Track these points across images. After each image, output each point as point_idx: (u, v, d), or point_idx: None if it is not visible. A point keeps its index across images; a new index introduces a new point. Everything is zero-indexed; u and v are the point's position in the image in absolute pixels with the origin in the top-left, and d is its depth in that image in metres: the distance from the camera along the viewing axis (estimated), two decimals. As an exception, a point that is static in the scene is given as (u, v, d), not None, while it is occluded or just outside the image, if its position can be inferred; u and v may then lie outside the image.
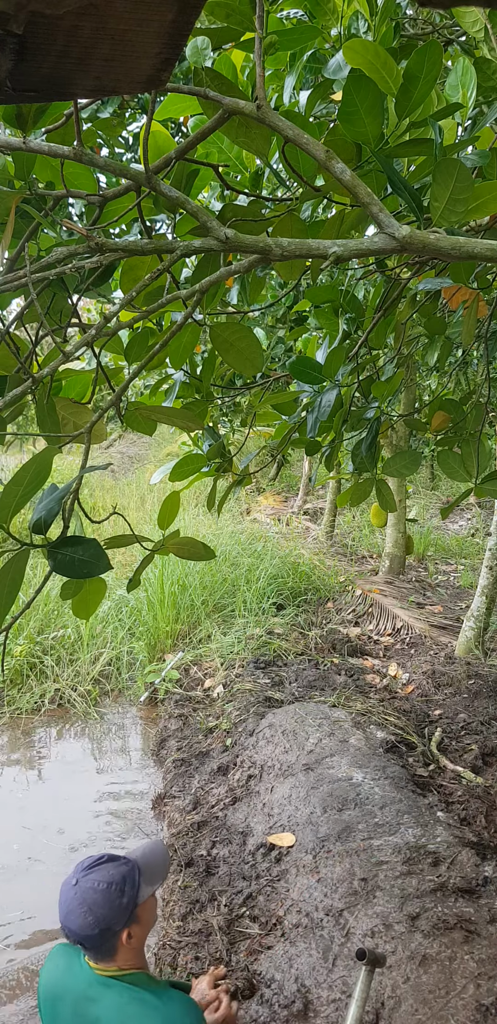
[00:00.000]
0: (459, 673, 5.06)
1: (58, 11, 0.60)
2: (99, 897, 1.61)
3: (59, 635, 5.97)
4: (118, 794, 4.29)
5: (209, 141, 1.69)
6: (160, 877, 1.76)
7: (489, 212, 1.35)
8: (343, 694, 4.69)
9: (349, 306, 2.25)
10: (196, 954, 2.73)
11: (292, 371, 2.08)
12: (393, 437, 6.96)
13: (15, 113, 1.28)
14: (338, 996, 2.33)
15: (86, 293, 1.56)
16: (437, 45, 1.31)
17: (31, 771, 4.55)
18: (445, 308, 2.84)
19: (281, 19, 2.08)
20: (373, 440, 2.30)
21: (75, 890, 1.63)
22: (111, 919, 1.61)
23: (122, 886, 1.64)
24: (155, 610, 6.22)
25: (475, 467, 2.18)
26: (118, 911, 1.62)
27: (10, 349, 1.38)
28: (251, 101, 1.24)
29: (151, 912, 1.75)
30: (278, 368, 4.68)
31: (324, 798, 3.34)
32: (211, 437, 2.28)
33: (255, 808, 3.58)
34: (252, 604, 6.55)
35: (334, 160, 1.20)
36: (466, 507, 11.94)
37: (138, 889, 1.67)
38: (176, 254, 1.24)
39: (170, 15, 0.64)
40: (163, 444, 15.56)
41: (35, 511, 1.17)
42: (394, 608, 6.52)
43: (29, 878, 3.50)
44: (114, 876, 1.65)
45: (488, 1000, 2.14)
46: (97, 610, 2.18)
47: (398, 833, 3.04)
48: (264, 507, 12.20)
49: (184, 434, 6.54)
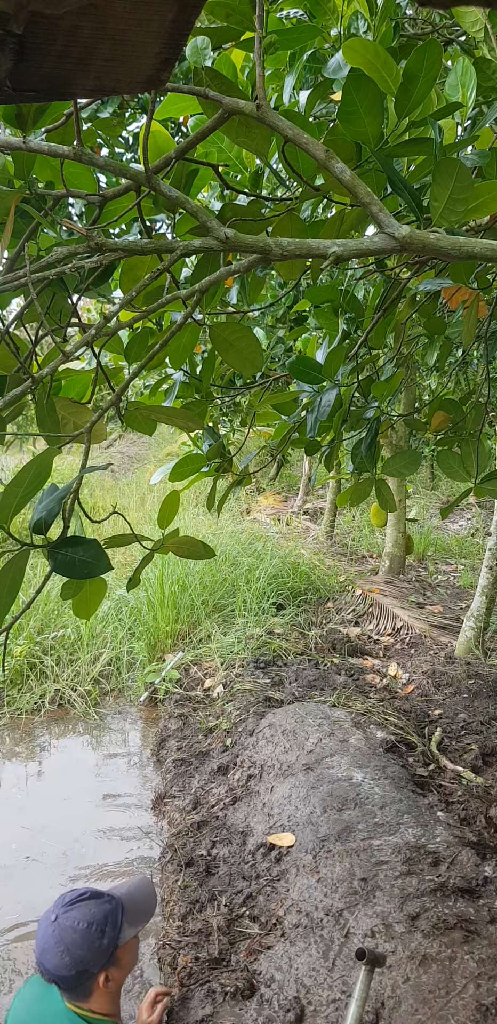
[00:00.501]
0: (459, 673, 5.06)
1: (58, 11, 0.60)
2: (78, 937, 1.51)
3: (59, 635, 5.97)
4: (118, 794, 4.29)
5: (209, 141, 1.69)
6: (144, 918, 1.67)
7: (489, 212, 1.36)
8: (343, 694, 4.69)
9: (349, 306, 2.25)
10: (196, 954, 2.73)
11: (292, 371, 2.08)
12: (393, 437, 6.96)
13: (15, 113, 1.28)
14: (338, 996, 2.33)
15: (86, 293, 1.56)
16: (437, 45, 1.31)
17: (31, 771, 4.55)
18: (445, 308, 2.84)
19: (281, 19, 2.08)
20: (373, 440, 2.30)
21: (54, 927, 1.53)
22: (89, 961, 1.51)
23: (103, 926, 1.55)
24: (155, 610, 6.22)
25: (475, 467, 2.18)
26: (97, 953, 1.53)
27: (10, 349, 1.38)
28: (251, 101, 1.24)
29: (132, 954, 1.65)
30: (278, 368, 4.68)
31: (324, 798, 3.34)
32: (211, 437, 2.28)
33: (255, 808, 3.58)
34: (252, 604, 6.55)
35: (334, 160, 1.20)
36: (466, 507, 11.94)
37: (120, 930, 1.58)
38: (176, 254, 1.24)
39: (170, 15, 0.64)
40: (163, 444, 15.56)
41: (35, 511, 1.17)
42: (394, 608, 6.52)
43: (28, 878, 3.50)
44: (95, 915, 1.55)
45: (488, 1000, 2.14)
46: (97, 610, 2.18)
47: (398, 833, 3.04)
48: (264, 507, 12.20)
49: (184, 434, 6.54)
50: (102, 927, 1.55)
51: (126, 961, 1.62)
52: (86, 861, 3.61)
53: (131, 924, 1.63)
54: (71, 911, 1.55)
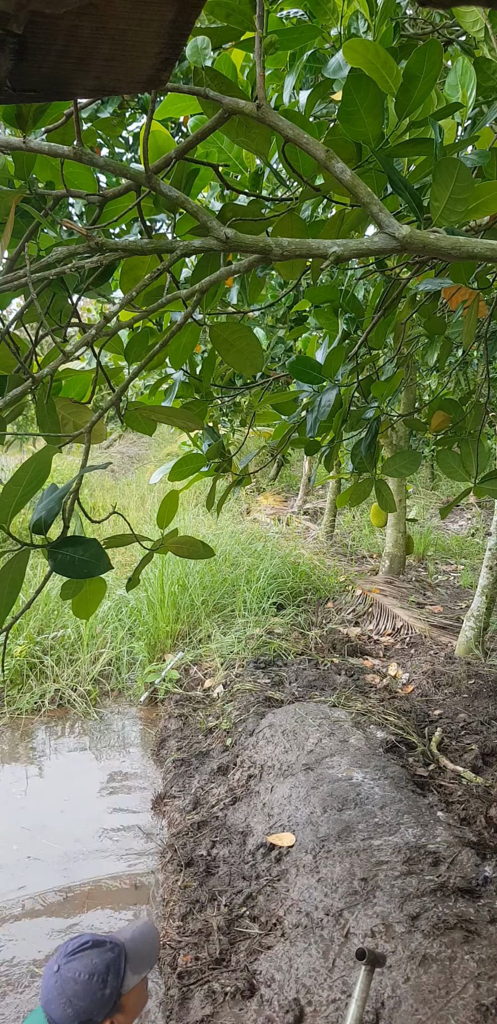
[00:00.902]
0: (459, 673, 5.06)
1: (58, 11, 0.60)
2: (79, 989, 1.49)
3: (59, 635, 5.97)
4: (118, 794, 4.29)
5: (209, 141, 1.69)
6: (148, 964, 1.64)
7: (489, 212, 1.35)
8: (343, 694, 4.69)
9: (349, 306, 2.25)
10: (196, 954, 2.73)
11: (292, 371, 2.08)
12: (393, 437, 6.96)
13: (15, 113, 1.28)
14: (338, 996, 2.33)
15: (86, 293, 1.56)
16: (437, 45, 1.31)
17: (31, 771, 4.55)
18: (445, 308, 2.84)
19: (281, 19, 2.08)
20: (373, 440, 2.30)
21: (56, 977, 1.52)
22: (92, 1011, 1.50)
23: (105, 976, 1.53)
24: (155, 610, 6.22)
25: (475, 467, 2.18)
26: (100, 1003, 1.51)
27: (10, 349, 1.38)
28: (251, 101, 1.24)
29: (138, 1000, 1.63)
30: (278, 368, 4.68)
31: (324, 798, 3.34)
32: (211, 437, 2.28)
33: (255, 808, 3.58)
34: (252, 604, 6.55)
35: (334, 160, 1.20)
36: (466, 507, 11.94)
37: (123, 978, 1.56)
38: (176, 254, 1.24)
39: (170, 15, 0.64)
40: (163, 444, 15.56)
41: (35, 511, 1.17)
42: (394, 608, 6.52)
43: (28, 878, 3.50)
44: (97, 966, 1.53)
45: (488, 1000, 2.14)
46: (97, 610, 2.18)
47: (398, 833, 3.04)
48: (264, 507, 12.20)
49: (184, 434, 6.54)
50: (104, 977, 1.53)
51: (131, 1007, 1.60)
52: (86, 861, 3.61)
53: (134, 971, 1.60)
54: (72, 962, 1.54)
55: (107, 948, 1.58)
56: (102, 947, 1.58)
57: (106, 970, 1.54)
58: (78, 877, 3.50)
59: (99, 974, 1.53)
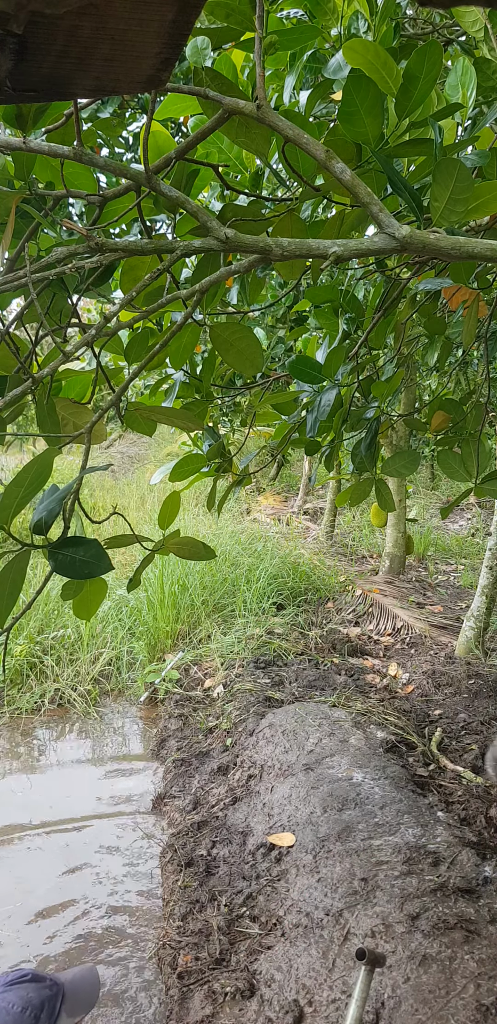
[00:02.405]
0: (459, 673, 5.06)
1: (58, 11, 0.60)
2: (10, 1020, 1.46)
3: (59, 635, 5.97)
4: (118, 794, 4.29)
5: (209, 141, 1.69)
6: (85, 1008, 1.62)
7: (489, 212, 1.35)
8: (343, 694, 4.69)
9: (349, 306, 2.25)
10: (196, 954, 2.73)
11: (292, 371, 2.08)
12: (393, 437, 6.96)
13: (15, 113, 1.28)
14: (338, 996, 2.33)
15: (86, 293, 1.56)
16: (437, 45, 1.31)
17: (31, 771, 4.55)
18: (445, 308, 2.84)
19: (281, 19, 2.08)
20: (373, 440, 2.30)
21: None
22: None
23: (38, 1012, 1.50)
24: (155, 610, 6.22)
25: (475, 467, 2.18)
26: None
27: (10, 349, 1.38)
28: (251, 101, 1.24)
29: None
30: (278, 368, 4.68)
31: (324, 798, 3.34)
32: (211, 437, 2.28)
33: (255, 808, 3.58)
34: (252, 604, 6.55)
35: (334, 160, 1.20)
36: (466, 507, 11.94)
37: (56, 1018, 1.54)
38: (176, 254, 1.24)
39: (170, 15, 0.64)
40: (163, 444, 15.55)
41: (36, 512, 1.17)
42: (394, 608, 6.52)
43: (27, 878, 3.50)
44: (32, 1000, 1.50)
45: (488, 1000, 2.14)
46: (97, 610, 2.17)
47: (398, 833, 3.04)
48: (264, 507, 12.20)
49: (184, 434, 6.54)
50: (37, 1013, 1.50)
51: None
52: (86, 861, 3.61)
53: (69, 1014, 1.58)
54: (8, 992, 1.51)
55: (45, 985, 1.56)
56: (41, 983, 1.55)
57: (40, 1006, 1.51)
58: (76, 879, 3.49)
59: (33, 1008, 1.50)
